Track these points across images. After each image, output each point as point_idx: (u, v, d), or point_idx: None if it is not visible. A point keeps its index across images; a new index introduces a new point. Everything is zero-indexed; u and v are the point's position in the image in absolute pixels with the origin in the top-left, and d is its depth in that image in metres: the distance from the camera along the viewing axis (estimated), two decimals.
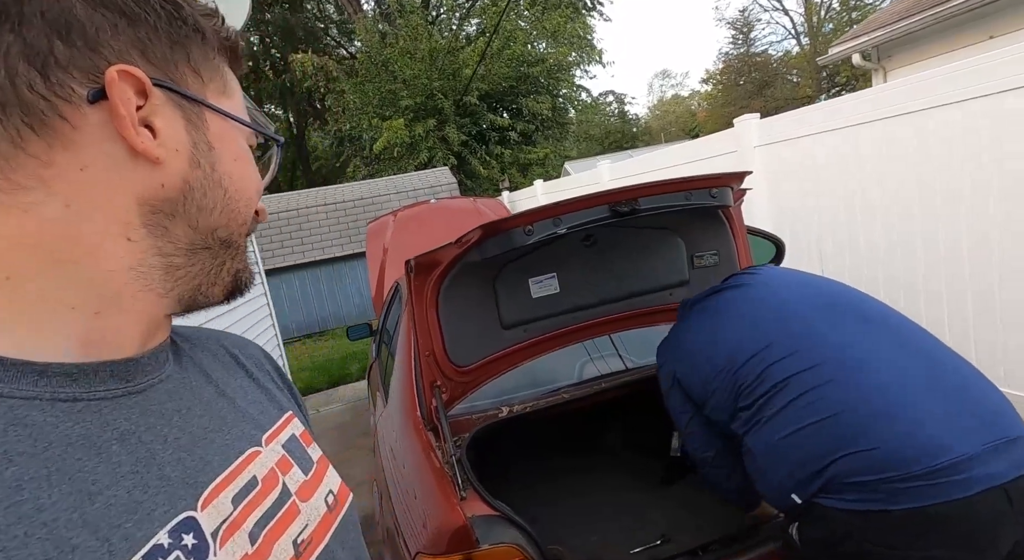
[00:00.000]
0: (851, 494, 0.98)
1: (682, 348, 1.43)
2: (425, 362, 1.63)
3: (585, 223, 1.40)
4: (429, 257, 1.55)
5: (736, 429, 1.24)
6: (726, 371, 1.24)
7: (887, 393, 1.03)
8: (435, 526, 1.28)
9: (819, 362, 1.11)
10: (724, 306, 1.41)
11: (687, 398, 1.39)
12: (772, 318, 1.27)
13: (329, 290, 9.62)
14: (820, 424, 1.04)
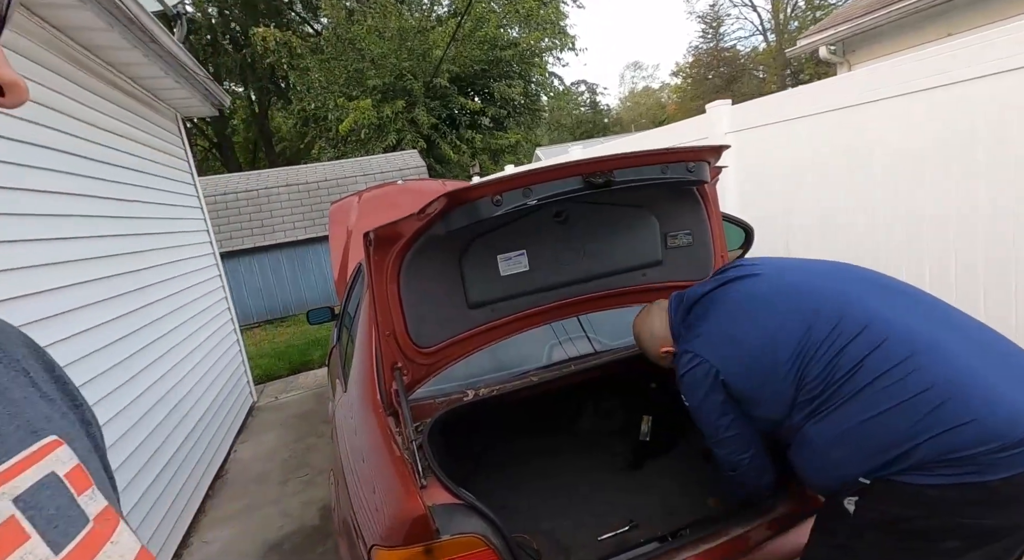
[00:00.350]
0: (947, 470, 0.97)
1: (725, 346, 1.27)
2: (385, 343, 1.53)
3: (557, 194, 1.32)
4: (390, 229, 1.44)
5: (791, 423, 1.17)
6: (790, 363, 1.15)
7: (961, 364, 1.02)
8: (392, 517, 1.20)
9: (886, 339, 1.06)
10: (750, 297, 1.29)
11: (728, 399, 1.25)
12: (820, 303, 1.18)
13: (291, 274, 9.28)
14: (906, 404, 1.00)
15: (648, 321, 1.53)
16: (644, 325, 1.54)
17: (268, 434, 4.30)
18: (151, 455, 2.70)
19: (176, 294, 3.66)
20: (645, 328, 1.53)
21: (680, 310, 1.44)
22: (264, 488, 3.35)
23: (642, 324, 1.55)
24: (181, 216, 4.13)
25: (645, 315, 1.55)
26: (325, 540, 2.67)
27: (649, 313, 1.54)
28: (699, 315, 1.37)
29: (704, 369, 1.27)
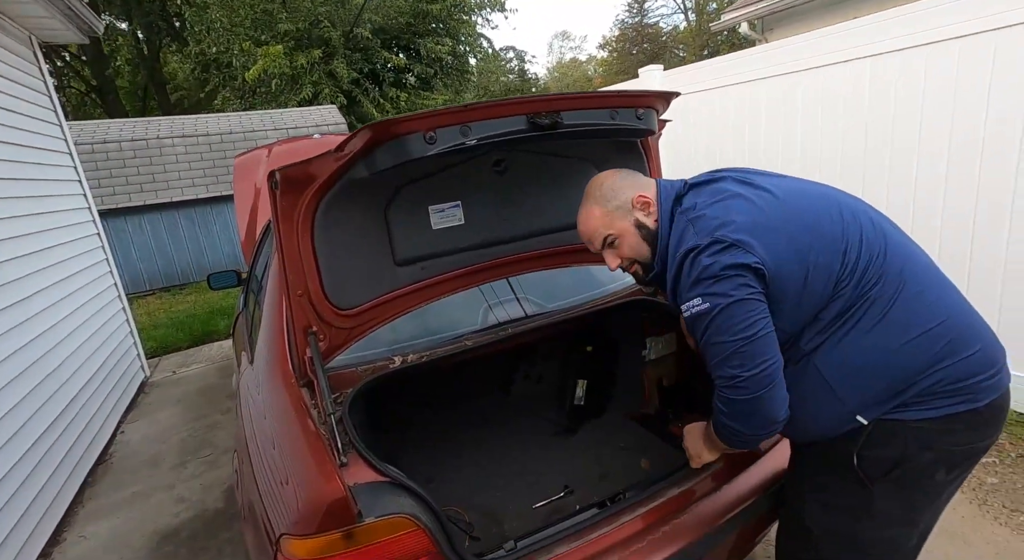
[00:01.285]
0: (944, 400, 0.97)
1: (765, 232, 0.99)
2: (297, 304, 1.31)
3: (499, 135, 1.16)
4: (300, 170, 1.21)
5: (800, 345, 1.03)
6: (831, 259, 0.98)
7: (957, 298, 1.03)
8: (306, 501, 1.03)
9: (905, 267, 1.01)
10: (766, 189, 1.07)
11: (763, 293, 0.99)
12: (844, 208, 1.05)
13: (191, 237, 8.36)
14: (925, 336, 0.96)
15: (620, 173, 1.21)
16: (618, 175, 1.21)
17: (162, 412, 3.85)
18: (9, 437, 2.28)
19: (44, 249, 3.09)
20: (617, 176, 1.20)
21: (671, 195, 1.15)
22: (157, 472, 2.99)
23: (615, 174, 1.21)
24: (42, 161, 3.46)
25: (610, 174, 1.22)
26: (230, 525, 2.42)
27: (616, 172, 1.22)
28: (711, 203, 1.06)
29: (743, 258, 0.97)
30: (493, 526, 1.50)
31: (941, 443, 0.99)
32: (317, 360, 1.30)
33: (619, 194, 1.18)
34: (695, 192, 1.15)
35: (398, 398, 1.70)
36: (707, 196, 1.12)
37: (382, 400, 1.49)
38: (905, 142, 2.71)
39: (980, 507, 1.99)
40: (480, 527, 1.50)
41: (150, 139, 8.24)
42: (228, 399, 3.90)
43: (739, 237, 1.00)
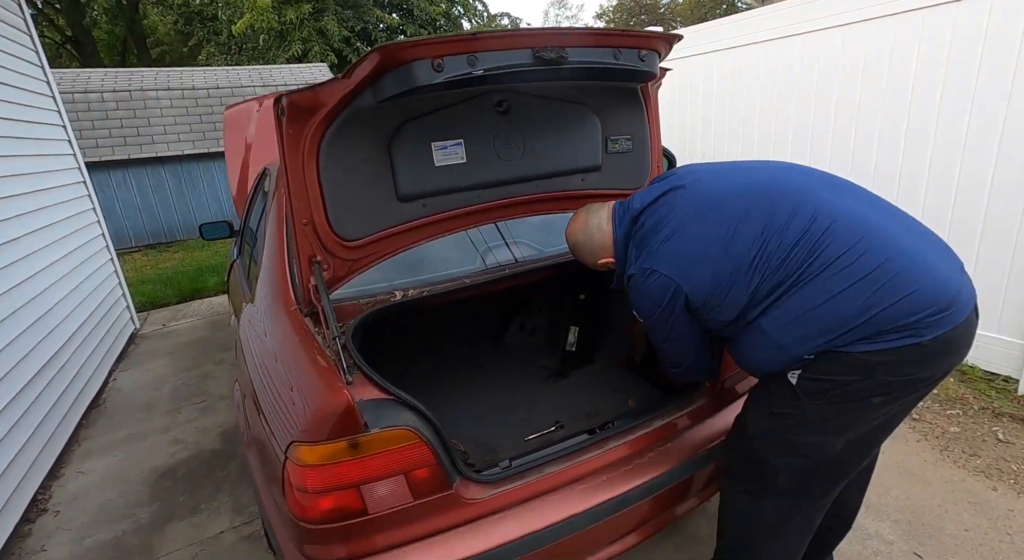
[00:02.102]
0: (890, 336, 1.05)
1: (685, 260, 1.22)
2: (302, 233, 1.33)
3: (505, 67, 1.17)
4: (307, 96, 1.21)
5: (745, 319, 1.19)
6: (749, 264, 1.15)
7: (901, 242, 1.09)
8: (315, 410, 1.08)
9: (837, 225, 1.10)
10: (701, 203, 1.24)
11: (684, 311, 1.24)
12: (771, 198, 1.18)
13: (178, 194, 8.21)
14: (860, 283, 1.05)
15: (586, 229, 1.43)
16: (582, 233, 1.44)
17: (154, 362, 3.87)
18: (4, 373, 2.30)
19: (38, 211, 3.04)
20: (583, 236, 1.43)
21: (625, 220, 1.35)
22: (151, 416, 3.03)
23: (579, 232, 1.45)
24: (24, 102, 3.35)
25: (581, 222, 1.45)
26: (226, 464, 2.48)
27: (586, 221, 1.44)
28: (652, 228, 1.28)
29: (665, 286, 1.22)
30: (487, 455, 1.57)
31: (881, 373, 1.07)
32: (322, 288, 1.33)
33: (585, 257, 1.47)
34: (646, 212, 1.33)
35: (396, 333, 1.75)
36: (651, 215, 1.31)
37: (381, 333, 1.53)
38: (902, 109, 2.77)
39: (941, 452, 2.12)
40: (474, 456, 1.57)
41: (133, 91, 7.98)
42: (220, 351, 3.93)
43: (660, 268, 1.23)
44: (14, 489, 2.18)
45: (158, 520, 2.14)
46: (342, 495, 1.10)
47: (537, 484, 1.24)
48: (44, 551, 2.04)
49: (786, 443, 1.20)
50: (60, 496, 2.37)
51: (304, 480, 1.09)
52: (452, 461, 1.18)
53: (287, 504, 1.14)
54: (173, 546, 1.99)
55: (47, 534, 2.13)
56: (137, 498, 2.30)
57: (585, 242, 1.44)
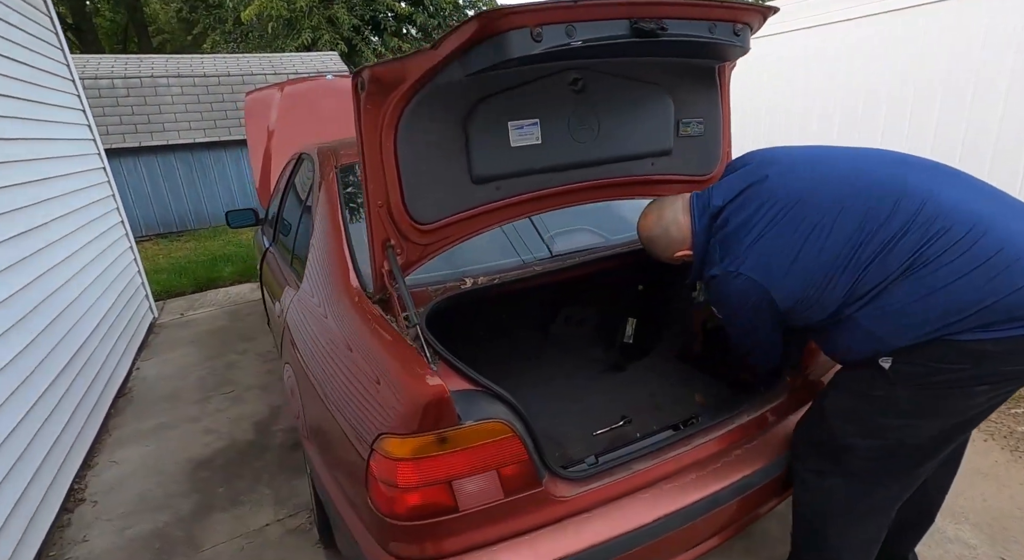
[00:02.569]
0: (1007, 325, 1.00)
1: (777, 265, 1.16)
2: (376, 215, 1.27)
3: (602, 39, 1.11)
4: (390, 69, 1.15)
5: (839, 316, 1.14)
6: (847, 264, 1.10)
7: (1013, 227, 1.04)
8: (408, 401, 1.02)
9: (944, 216, 1.05)
10: (790, 199, 1.18)
11: (775, 315, 1.20)
12: (868, 190, 1.13)
13: (189, 182, 8.13)
14: (975, 272, 1.01)
15: (661, 223, 1.37)
16: (657, 227, 1.38)
17: (175, 352, 3.82)
18: (37, 363, 2.24)
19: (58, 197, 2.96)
20: (659, 230, 1.37)
21: (705, 216, 1.31)
22: (179, 405, 2.98)
23: (654, 225, 1.39)
24: (46, 84, 3.27)
25: (655, 216, 1.39)
26: (263, 454, 2.44)
27: (660, 215, 1.38)
28: (736, 229, 1.23)
29: (753, 289, 1.18)
30: (555, 449, 1.52)
31: (992, 362, 1.02)
32: (397, 273, 1.27)
33: (660, 253, 1.42)
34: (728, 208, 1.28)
35: (463, 321, 1.69)
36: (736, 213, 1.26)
37: (451, 322, 1.47)
38: None
39: (1012, 453, 2.07)
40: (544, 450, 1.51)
41: (144, 77, 7.87)
42: (242, 341, 3.88)
43: (751, 272, 1.18)
44: (53, 478, 2.14)
45: (199, 511, 2.10)
46: (433, 491, 1.05)
47: (627, 481, 1.19)
48: (85, 541, 2.00)
49: (868, 424, 1.16)
50: (96, 486, 2.32)
51: (394, 474, 1.04)
52: (541, 456, 1.13)
53: (371, 498, 1.09)
54: (218, 538, 1.95)
55: (87, 524, 2.09)
56: (175, 488, 2.25)
57: (661, 236, 1.39)
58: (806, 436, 1.29)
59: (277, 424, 2.69)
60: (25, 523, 1.89)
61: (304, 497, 2.12)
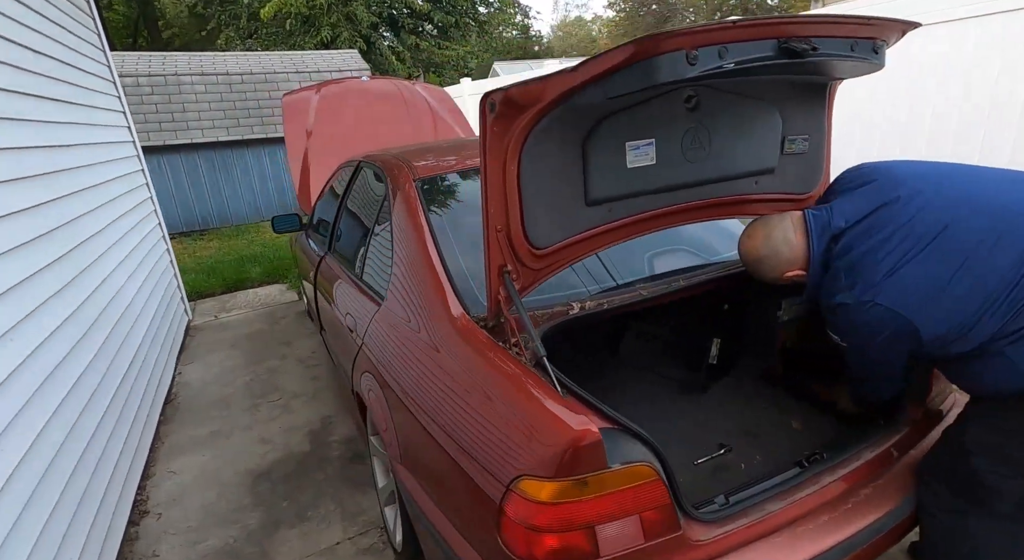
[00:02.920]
0: None
1: (920, 297, 1.11)
2: (494, 240, 1.23)
3: (753, 60, 1.06)
4: (525, 91, 1.10)
5: (986, 348, 1.09)
6: (999, 301, 1.06)
7: None
8: (554, 445, 0.98)
9: None
10: (927, 223, 1.12)
11: (913, 347, 1.15)
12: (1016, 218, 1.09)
13: (212, 182, 8.12)
14: None
15: (770, 243, 1.32)
16: (766, 247, 1.33)
17: (215, 355, 3.80)
18: (101, 377, 2.22)
19: (99, 184, 2.93)
20: (767, 250, 1.32)
21: (824, 237, 1.26)
22: (229, 413, 2.96)
23: (762, 246, 1.33)
24: (91, 86, 3.25)
25: (763, 236, 1.34)
26: (323, 467, 2.41)
27: (768, 234, 1.33)
28: (866, 254, 1.16)
29: (890, 320, 1.12)
30: None
31: None
32: (517, 301, 1.23)
33: (766, 273, 1.36)
34: (852, 231, 1.22)
35: (572, 345, 1.65)
36: (864, 237, 1.19)
37: (559, 347, 1.43)
38: None
39: None
40: None
41: (168, 75, 7.86)
42: (283, 346, 3.86)
43: (893, 304, 1.11)
44: (121, 488, 2.12)
45: (267, 527, 2.07)
46: (574, 535, 1.01)
47: (762, 524, 1.14)
48: (156, 556, 1.97)
49: (1017, 462, 1.12)
50: (157, 497, 2.30)
51: (533, 517, 1.00)
52: (678, 498, 1.08)
53: (503, 538, 1.05)
54: (291, 556, 1.92)
55: (155, 538, 2.06)
56: (238, 502, 2.23)
57: (770, 256, 1.33)
58: (939, 472, 1.24)
59: (331, 435, 2.66)
60: (103, 534, 1.87)
61: (371, 515, 2.09)
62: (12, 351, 1.54)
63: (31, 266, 1.81)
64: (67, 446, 1.76)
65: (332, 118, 4.28)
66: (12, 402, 1.49)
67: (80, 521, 1.73)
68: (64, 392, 1.84)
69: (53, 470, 1.63)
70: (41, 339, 1.75)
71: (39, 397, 1.66)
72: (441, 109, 4.77)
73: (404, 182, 1.91)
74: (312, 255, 3.03)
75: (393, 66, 12.57)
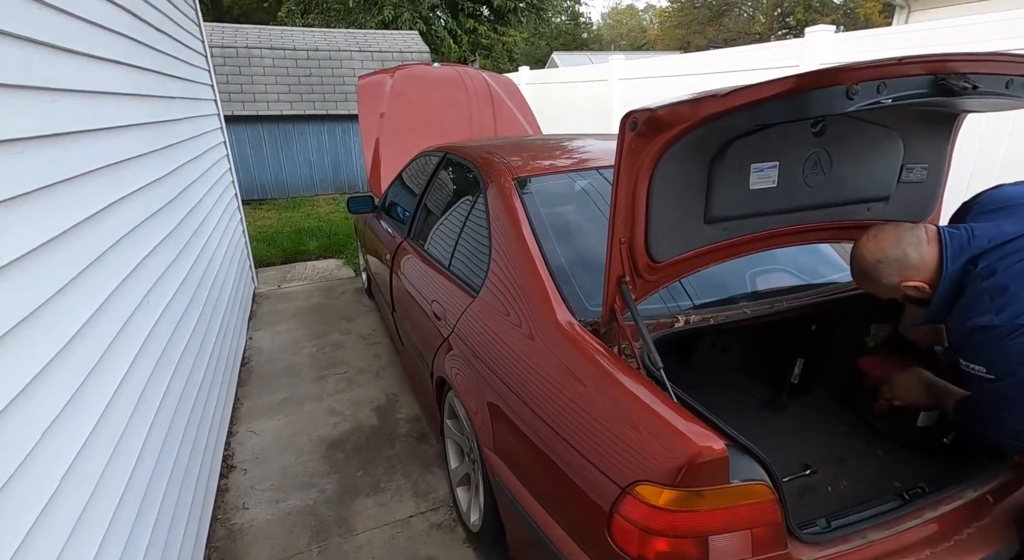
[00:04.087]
0: None
1: None
2: (616, 251, 1.28)
3: (910, 96, 1.06)
4: (672, 112, 1.13)
5: None
6: None
7: None
8: (678, 455, 1.03)
9: None
10: None
11: None
12: None
13: (272, 154, 8.38)
14: None
15: (900, 246, 1.28)
16: (898, 244, 1.28)
17: (282, 325, 3.99)
18: (204, 334, 2.38)
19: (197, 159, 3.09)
20: (898, 248, 1.28)
21: (962, 256, 1.23)
22: (299, 381, 3.13)
23: (893, 242, 1.29)
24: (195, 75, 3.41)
25: (892, 237, 1.30)
26: (392, 443, 2.53)
27: (898, 236, 1.29)
28: (1019, 275, 1.12)
29: None
30: None
31: None
32: (634, 310, 1.28)
33: (885, 277, 1.31)
34: (996, 253, 1.19)
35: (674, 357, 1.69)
36: (1012, 260, 1.16)
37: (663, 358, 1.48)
38: None
39: None
40: None
41: (239, 47, 8.10)
42: (344, 321, 4.02)
43: None
44: (216, 437, 2.30)
45: (344, 494, 2.21)
46: (686, 543, 1.06)
47: (863, 551, 1.17)
48: (246, 509, 2.14)
49: None
50: (242, 454, 2.47)
51: (650, 521, 1.06)
52: (787, 518, 1.12)
53: (612, 535, 1.12)
54: (368, 524, 2.05)
55: (243, 492, 2.23)
56: (315, 467, 2.37)
57: (898, 259, 1.28)
58: None
59: (398, 413, 2.78)
60: (207, 477, 2.04)
61: (441, 493, 2.20)
62: (147, 311, 1.69)
63: (159, 234, 1.96)
64: (186, 393, 1.94)
65: (404, 103, 4.37)
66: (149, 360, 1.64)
67: (193, 463, 1.91)
68: (183, 345, 2.00)
69: (179, 414, 1.82)
70: (167, 300, 1.90)
71: (169, 350, 1.83)
72: (508, 100, 4.81)
73: (501, 179, 1.97)
74: (386, 238, 3.14)
75: (449, 48, 12.60)
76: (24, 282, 1.03)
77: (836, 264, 1.87)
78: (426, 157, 2.97)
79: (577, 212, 1.96)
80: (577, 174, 2.09)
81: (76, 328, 1.19)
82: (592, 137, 2.67)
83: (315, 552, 1.93)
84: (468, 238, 2.08)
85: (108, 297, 1.40)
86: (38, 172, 1.14)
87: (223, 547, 1.97)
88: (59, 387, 1.09)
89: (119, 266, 1.51)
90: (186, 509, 1.74)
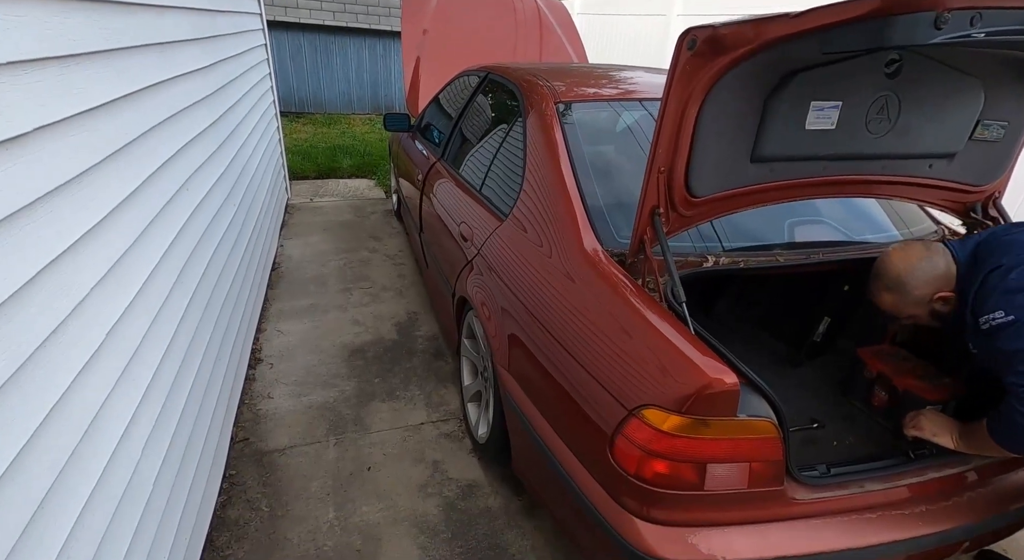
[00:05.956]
0: None
1: None
2: (653, 181, 1.24)
3: (1007, 33, 0.96)
4: (735, 32, 1.05)
5: None
6: None
7: None
8: (691, 386, 1.04)
9: None
10: None
11: None
12: None
13: (312, 66, 8.20)
14: None
15: (921, 262, 1.26)
16: (919, 265, 1.26)
17: (312, 236, 4.08)
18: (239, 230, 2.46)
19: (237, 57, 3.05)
20: (926, 263, 1.26)
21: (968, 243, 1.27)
22: (326, 291, 3.23)
23: (919, 259, 1.27)
24: None
25: (920, 249, 1.29)
26: (409, 357, 2.64)
27: (924, 247, 1.29)
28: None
29: None
30: None
31: None
32: (664, 243, 1.26)
33: (915, 289, 1.27)
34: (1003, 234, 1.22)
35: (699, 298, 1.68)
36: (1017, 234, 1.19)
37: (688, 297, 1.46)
38: None
39: None
40: None
41: None
42: (371, 239, 4.08)
43: None
44: (247, 329, 2.43)
45: (361, 396, 2.34)
46: (685, 466, 1.10)
47: (858, 498, 1.20)
48: (271, 398, 2.29)
49: None
50: (269, 350, 2.61)
51: (652, 443, 1.10)
52: (787, 458, 1.14)
53: (614, 454, 1.16)
54: (382, 425, 2.18)
55: (269, 383, 2.38)
56: (336, 369, 2.50)
57: (928, 269, 1.27)
58: None
59: (417, 330, 2.88)
60: (236, 363, 2.18)
61: (452, 407, 2.31)
62: (186, 200, 1.73)
63: (199, 125, 1.97)
64: (222, 280, 2.04)
65: (448, 22, 4.16)
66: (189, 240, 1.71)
67: (226, 346, 2.03)
68: (219, 235, 2.07)
69: (214, 299, 1.92)
70: (205, 191, 1.95)
71: (208, 237, 1.90)
72: (560, 29, 4.53)
73: (544, 103, 1.89)
74: (419, 158, 3.10)
75: None
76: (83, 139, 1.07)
77: (881, 224, 1.78)
78: (466, 77, 2.87)
79: (615, 142, 1.89)
80: (620, 104, 1.99)
81: (126, 193, 1.25)
82: (643, 69, 2.53)
83: (332, 443, 2.08)
84: (502, 161, 2.04)
85: (154, 172, 1.44)
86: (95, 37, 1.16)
87: (248, 427, 2.13)
88: (109, 245, 1.16)
89: (159, 148, 1.54)
90: (218, 384, 1.87)
